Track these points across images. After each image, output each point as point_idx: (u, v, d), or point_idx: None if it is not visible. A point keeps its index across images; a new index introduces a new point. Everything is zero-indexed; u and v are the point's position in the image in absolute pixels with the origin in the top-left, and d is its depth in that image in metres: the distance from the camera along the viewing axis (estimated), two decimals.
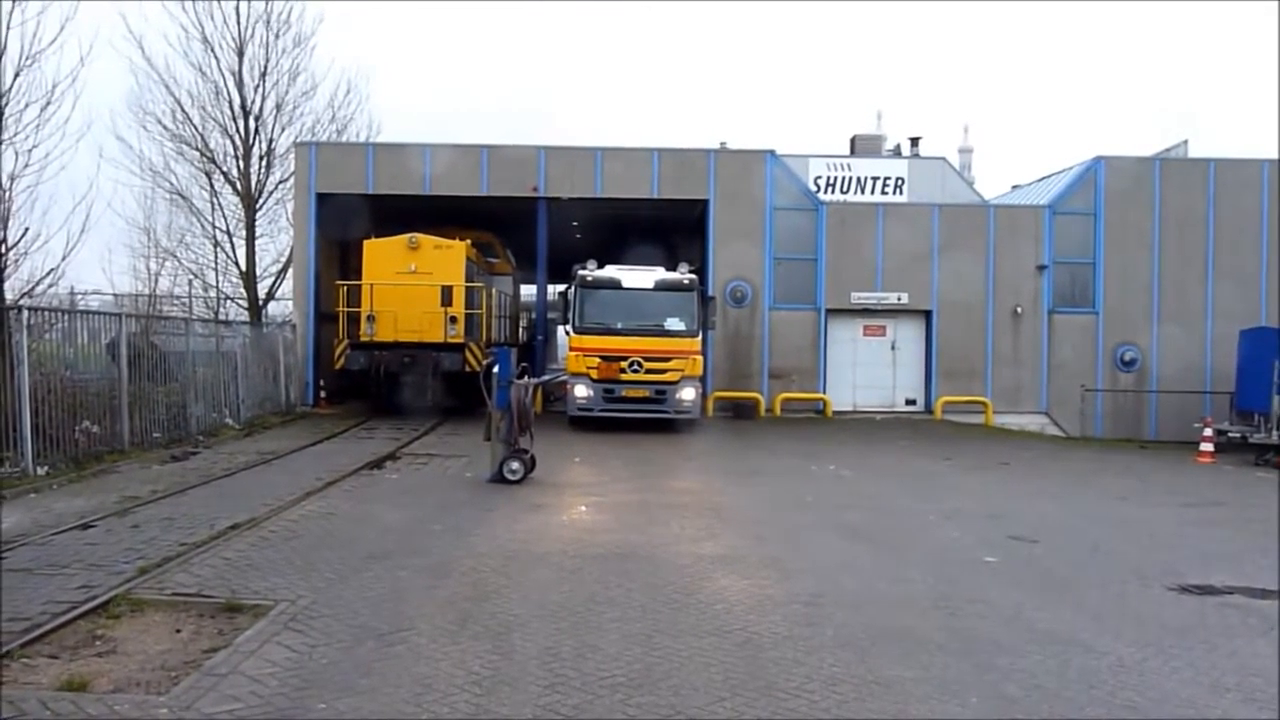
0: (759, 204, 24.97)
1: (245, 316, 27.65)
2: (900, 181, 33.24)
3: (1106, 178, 25.39)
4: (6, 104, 16.23)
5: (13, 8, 16.04)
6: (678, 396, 19.84)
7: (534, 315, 29.76)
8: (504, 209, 25.55)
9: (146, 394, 16.35)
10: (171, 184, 28.04)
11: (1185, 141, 31.03)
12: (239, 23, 27.65)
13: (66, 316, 15.69)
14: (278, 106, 28.46)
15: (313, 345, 24.27)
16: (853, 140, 37.08)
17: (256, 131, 28.18)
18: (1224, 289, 25.02)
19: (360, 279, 21.79)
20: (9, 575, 7.83)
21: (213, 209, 28.77)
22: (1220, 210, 25.21)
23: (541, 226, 25.16)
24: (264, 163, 28.46)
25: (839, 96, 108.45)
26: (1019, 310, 25.23)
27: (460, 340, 21.23)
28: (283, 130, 28.67)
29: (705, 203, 25.00)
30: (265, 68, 28.05)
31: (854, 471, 15.85)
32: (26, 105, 16.50)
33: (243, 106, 27.89)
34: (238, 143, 28.07)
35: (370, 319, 21.20)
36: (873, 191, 32.93)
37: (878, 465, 16.96)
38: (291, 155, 26.87)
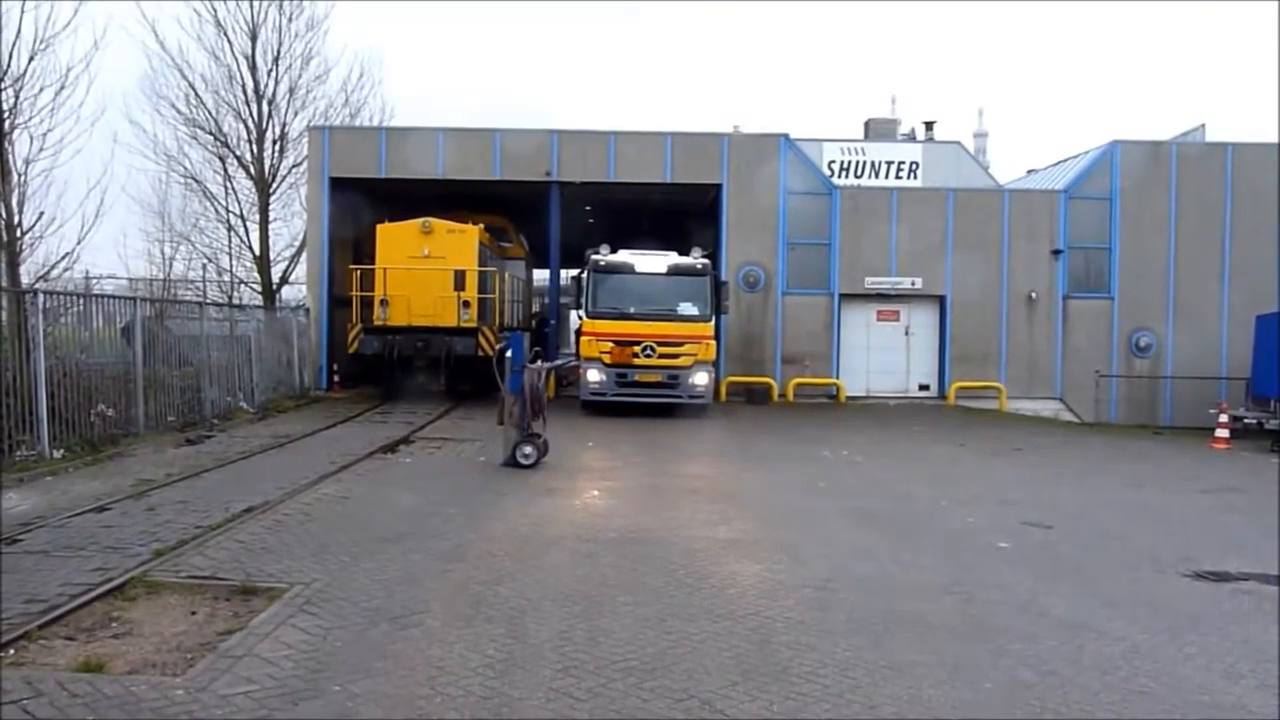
0: (772, 188, 24.83)
1: (259, 301, 27.75)
2: (915, 166, 33.02)
3: (1122, 162, 25.18)
4: (21, 88, 16.33)
5: None
6: (690, 381, 19.83)
7: (546, 300, 29.75)
8: (516, 193, 25.53)
9: (161, 378, 16.44)
10: (185, 168, 28.19)
11: (1202, 125, 30.65)
12: (252, 6, 27.74)
13: (81, 300, 15.76)
14: (291, 91, 28.56)
15: (326, 329, 24.39)
16: (867, 124, 36.83)
17: (270, 116, 28.27)
18: (1240, 274, 24.83)
19: (373, 263, 21.79)
20: (28, 557, 7.92)
21: (226, 193, 28.91)
22: (1237, 195, 24.99)
23: (554, 211, 25.13)
24: (277, 147, 28.56)
25: (853, 80, 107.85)
26: (1033, 296, 25.08)
27: (473, 325, 21.25)
28: (296, 114, 28.77)
29: (718, 187, 24.89)
30: (278, 52, 28.12)
31: (867, 457, 15.82)
32: (41, 89, 16.65)
33: (256, 90, 27.95)
34: (251, 127, 28.15)
35: (383, 303, 21.23)
36: (887, 176, 32.74)
37: (891, 451, 16.91)
38: (305, 139, 26.90)
